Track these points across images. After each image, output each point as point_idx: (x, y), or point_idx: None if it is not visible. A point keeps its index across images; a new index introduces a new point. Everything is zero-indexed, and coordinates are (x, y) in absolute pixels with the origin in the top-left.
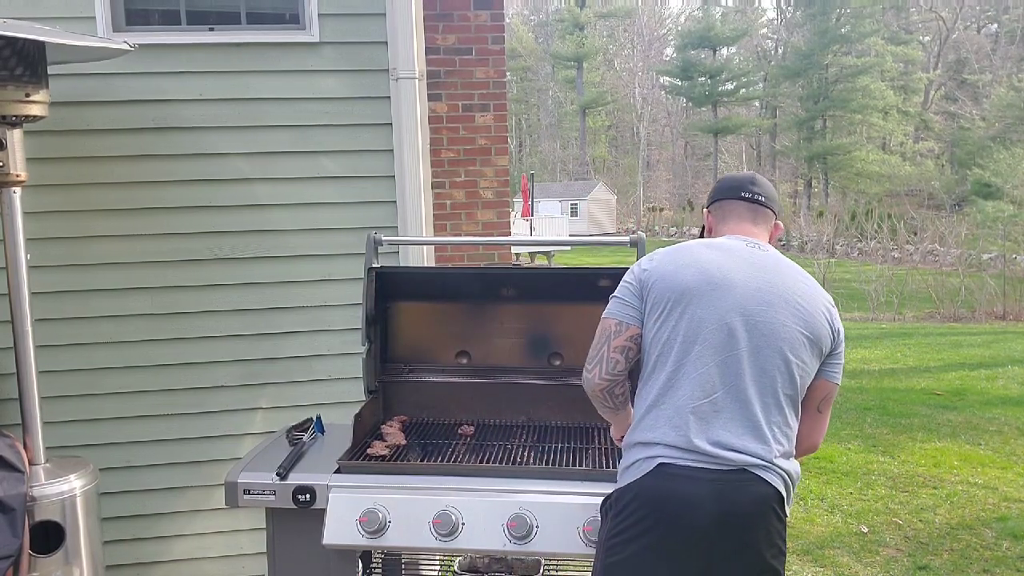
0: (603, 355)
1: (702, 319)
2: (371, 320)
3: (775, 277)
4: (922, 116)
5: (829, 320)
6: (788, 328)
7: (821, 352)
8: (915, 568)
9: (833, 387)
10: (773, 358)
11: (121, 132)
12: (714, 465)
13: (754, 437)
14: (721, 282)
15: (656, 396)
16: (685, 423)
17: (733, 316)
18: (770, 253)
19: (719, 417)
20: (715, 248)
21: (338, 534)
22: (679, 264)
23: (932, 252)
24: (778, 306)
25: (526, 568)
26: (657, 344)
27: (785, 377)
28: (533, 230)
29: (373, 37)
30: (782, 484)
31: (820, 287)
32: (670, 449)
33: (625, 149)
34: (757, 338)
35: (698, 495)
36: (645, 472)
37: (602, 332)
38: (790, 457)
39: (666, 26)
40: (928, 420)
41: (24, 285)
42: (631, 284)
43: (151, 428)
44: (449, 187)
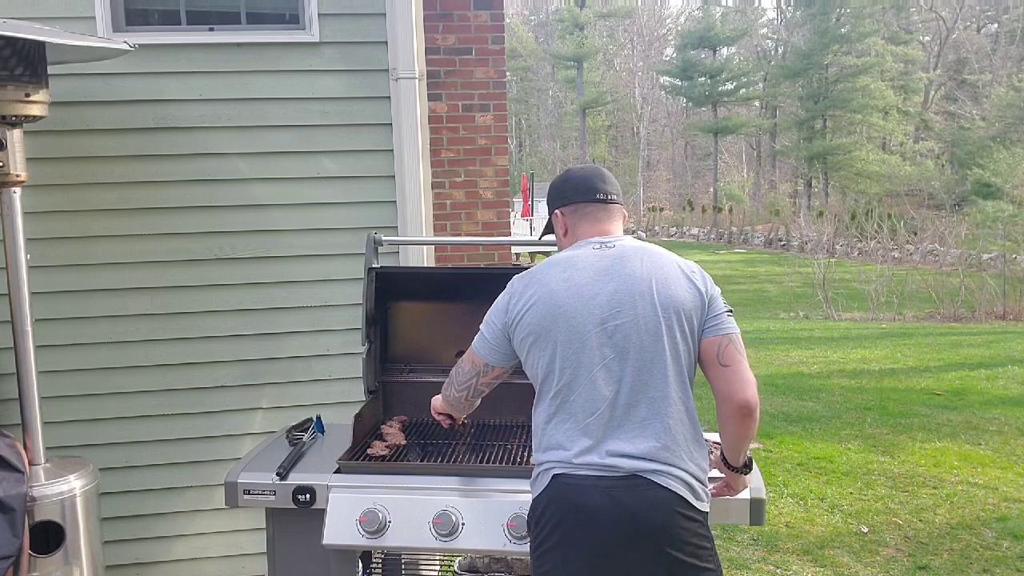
0: (471, 385)
1: (566, 344)
2: (371, 320)
3: (625, 271)
4: (922, 116)
5: (693, 288)
6: (649, 318)
7: (695, 321)
8: (915, 568)
9: (721, 338)
10: (646, 355)
11: (121, 132)
12: (605, 472)
13: (644, 439)
14: (573, 303)
15: (547, 418)
16: (575, 441)
17: (595, 330)
18: (618, 248)
19: (607, 427)
20: (564, 266)
21: (338, 534)
22: (534, 298)
23: (932, 252)
24: (635, 302)
25: (526, 568)
26: (538, 374)
27: (665, 368)
28: (533, 230)
29: (373, 37)
30: (681, 484)
31: (675, 258)
32: (563, 464)
33: (625, 149)
34: (622, 340)
35: (593, 504)
36: (544, 485)
37: (472, 366)
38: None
39: (666, 26)
40: (928, 420)
41: (24, 285)
42: (496, 325)
43: (151, 428)
44: (449, 187)
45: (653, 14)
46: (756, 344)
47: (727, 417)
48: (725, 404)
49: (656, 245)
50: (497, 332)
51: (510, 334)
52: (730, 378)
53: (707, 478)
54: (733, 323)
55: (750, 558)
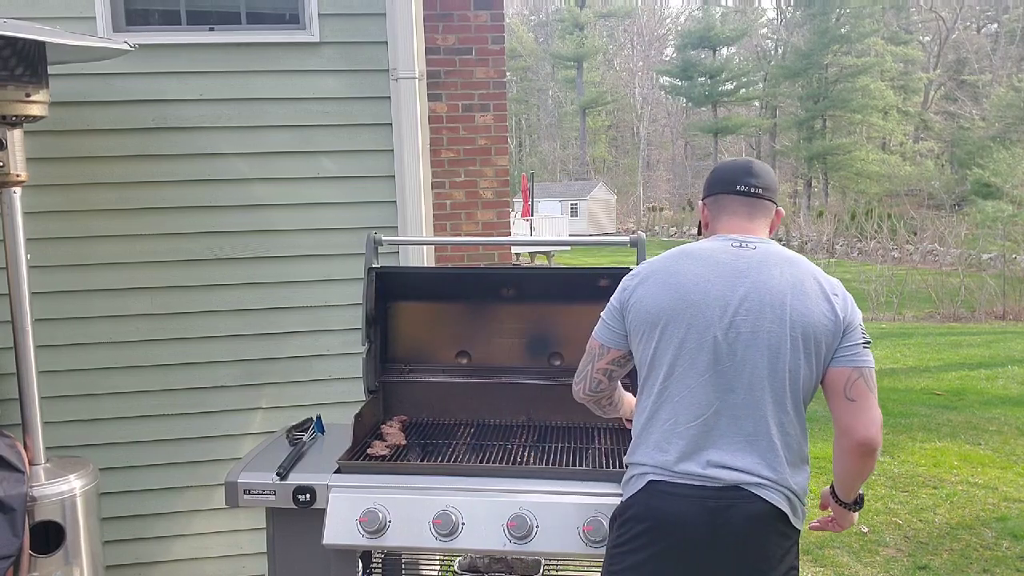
0: (587, 373)
1: (683, 339)
2: (371, 320)
3: (761, 278)
4: (922, 116)
5: (831, 310)
6: (774, 333)
7: (822, 345)
8: (915, 568)
9: (851, 371)
10: (760, 368)
11: (121, 132)
12: (705, 482)
13: (748, 454)
14: (700, 299)
15: (648, 417)
16: (674, 444)
17: (714, 332)
18: (759, 251)
19: (710, 436)
20: (698, 259)
21: (338, 534)
22: (659, 284)
23: (932, 252)
24: (763, 313)
25: (526, 568)
26: (644, 365)
27: (778, 385)
28: (533, 230)
29: (373, 37)
30: (783, 500)
31: (819, 274)
32: (659, 470)
33: (625, 149)
34: (742, 350)
35: (689, 514)
36: (638, 488)
37: (589, 351)
38: (799, 467)
39: (666, 26)
40: (928, 420)
41: (24, 285)
42: (615, 306)
43: (151, 428)
44: (449, 187)
45: (653, 14)
46: None
47: (846, 451)
48: (846, 439)
49: (799, 254)
50: (615, 312)
51: (625, 314)
52: (856, 413)
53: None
54: (869, 356)
55: None
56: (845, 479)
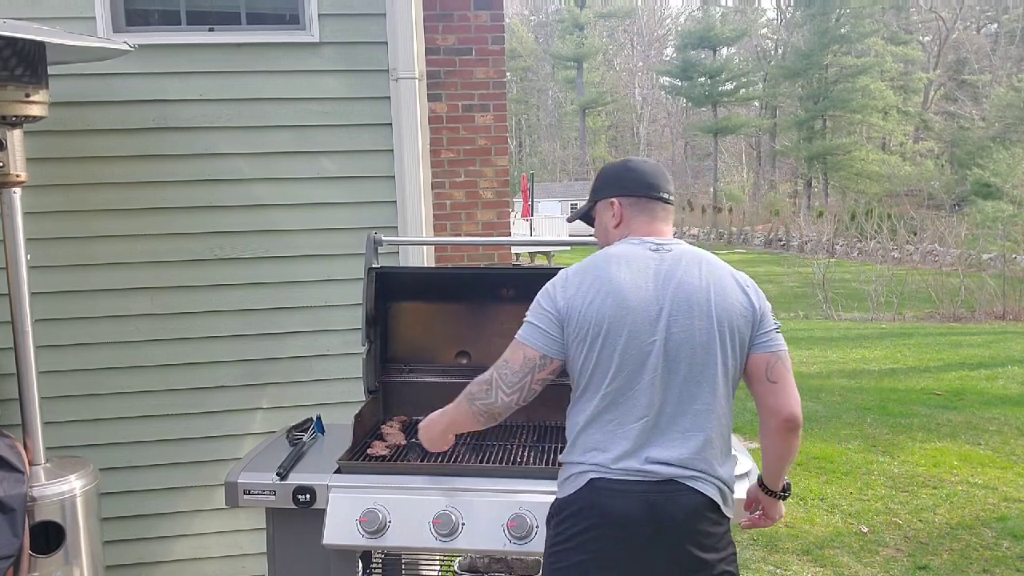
0: (525, 384)
1: (625, 345)
2: (371, 320)
3: (684, 279)
4: (922, 116)
5: (747, 301)
6: (704, 330)
7: (745, 335)
8: (915, 568)
9: (770, 355)
10: (697, 367)
11: (121, 132)
12: (643, 477)
13: (684, 448)
14: (636, 304)
15: (588, 419)
16: (617, 445)
17: (652, 336)
18: (675, 252)
19: (650, 435)
20: (627, 264)
21: (338, 534)
22: (598, 292)
23: (932, 252)
24: (692, 311)
25: (526, 568)
26: (585, 372)
27: (711, 379)
28: (533, 230)
29: (373, 37)
30: (715, 490)
31: (730, 269)
32: (600, 467)
33: (625, 149)
34: (675, 350)
35: (632, 509)
36: (579, 486)
37: (525, 362)
38: (728, 457)
39: (666, 26)
40: (928, 420)
41: (24, 285)
42: (551, 314)
43: (153, 428)
44: (449, 187)
45: (653, 14)
46: None
47: (772, 431)
48: (772, 418)
49: (709, 252)
50: (553, 321)
51: (565, 325)
52: (778, 393)
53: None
54: (782, 340)
55: (750, 558)
56: (773, 461)
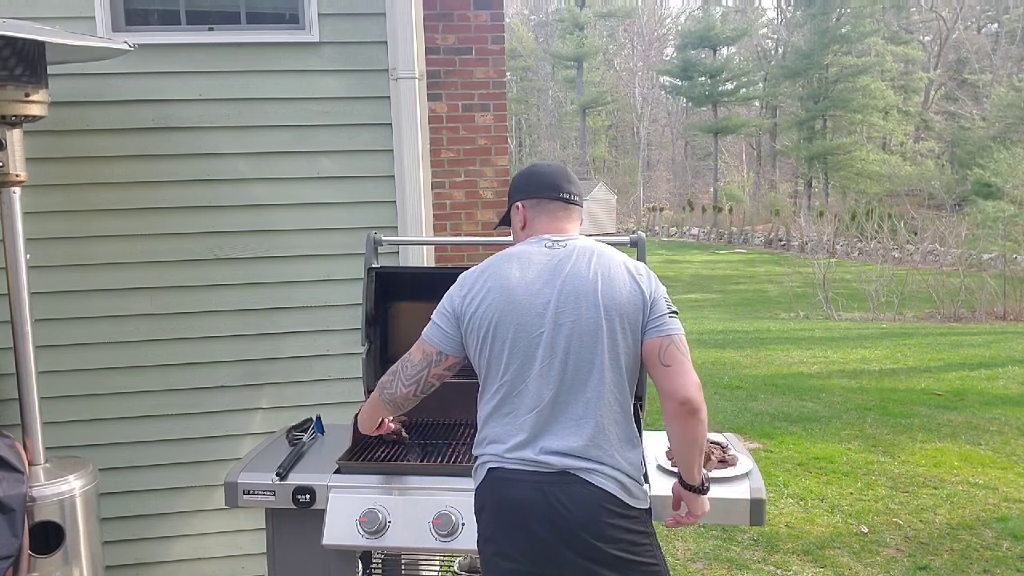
0: (423, 377)
1: (514, 339)
2: (371, 320)
3: (573, 271)
4: (922, 116)
5: (637, 288)
6: (591, 320)
7: (637, 322)
8: (915, 568)
9: (663, 339)
10: (584, 356)
11: (121, 132)
12: (537, 468)
13: (576, 438)
14: (523, 299)
15: (490, 412)
16: (513, 437)
17: (540, 328)
18: (569, 247)
19: (545, 425)
20: (519, 261)
21: (338, 534)
22: (488, 290)
23: (932, 252)
24: (578, 302)
25: None
26: (482, 367)
27: (603, 369)
28: None
29: (373, 37)
30: (612, 483)
31: (624, 259)
32: (497, 457)
33: (625, 149)
34: (565, 341)
35: (527, 498)
36: (481, 478)
37: (424, 357)
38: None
39: (666, 26)
40: (928, 420)
41: (24, 285)
42: (448, 313)
43: (152, 428)
44: (449, 187)
45: (653, 14)
46: (756, 344)
47: (670, 415)
48: (668, 401)
49: (607, 245)
50: (450, 320)
51: (461, 323)
52: (672, 376)
53: (643, 477)
54: (676, 324)
55: (750, 558)
56: (679, 448)
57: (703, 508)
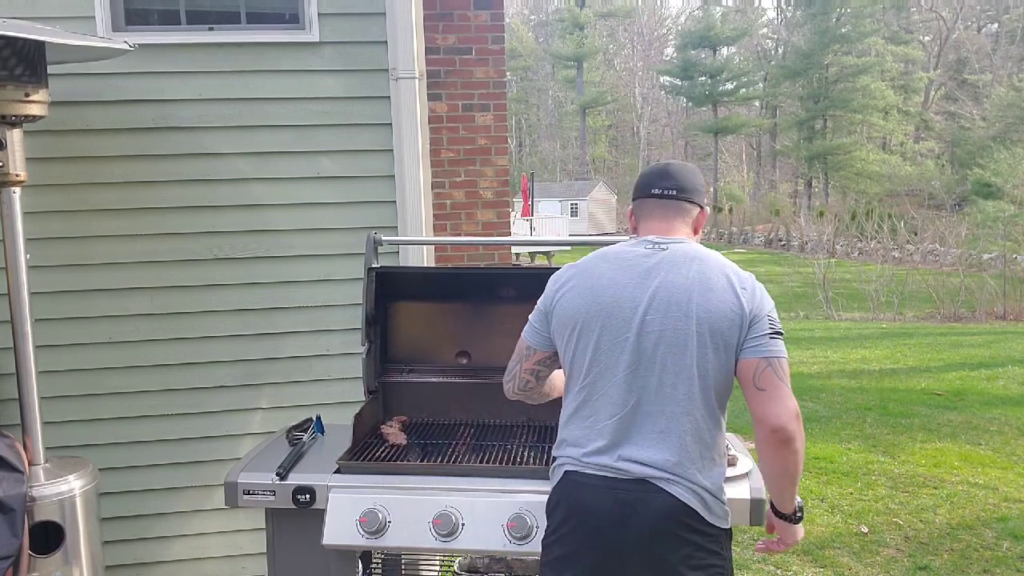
0: (516, 373)
1: (598, 341)
2: (371, 320)
3: (669, 277)
4: (922, 116)
5: (736, 303)
6: (680, 330)
7: (733, 338)
8: (915, 568)
9: (759, 361)
10: (670, 364)
11: (121, 132)
12: (615, 474)
13: (659, 449)
14: (611, 300)
15: (571, 413)
16: (593, 441)
17: (626, 332)
18: (670, 251)
19: (626, 433)
20: (612, 261)
21: (338, 534)
22: (577, 288)
23: (932, 252)
24: (669, 311)
25: (526, 568)
26: (567, 364)
27: (688, 380)
28: (533, 230)
29: (373, 37)
30: (691, 496)
31: (729, 269)
32: (574, 460)
33: (625, 149)
34: (652, 348)
35: (601, 504)
36: (558, 479)
37: (517, 351)
38: (713, 463)
39: (666, 26)
40: (928, 420)
41: (24, 285)
42: (540, 309)
43: (152, 428)
44: (449, 187)
45: (653, 14)
46: None
47: (761, 442)
48: (759, 428)
49: (714, 252)
50: (540, 315)
51: (550, 320)
52: (766, 402)
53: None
54: (778, 346)
55: (750, 558)
56: (770, 476)
57: (795, 537)
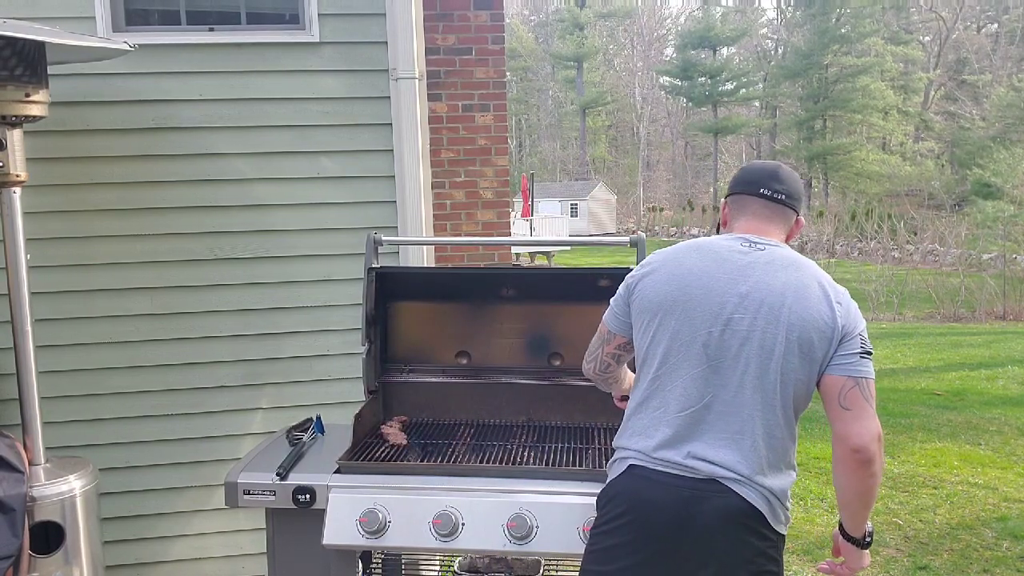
0: (598, 355)
1: (677, 331)
2: (371, 320)
3: (764, 279)
4: (922, 116)
5: (830, 316)
6: (769, 334)
7: (818, 350)
8: (915, 568)
9: (846, 380)
10: (753, 367)
11: (121, 132)
12: (683, 472)
13: (730, 450)
14: (699, 293)
15: (639, 403)
16: (660, 432)
17: (709, 327)
18: (767, 252)
19: (696, 429)
20: (705, 253)
21: (338, 534)
22: (664, 276)
23: (932, 252)
24: (760, 312)
25: (526, 568)
26: (641, 352)
27: (768, 386)
28: (533, 230)
29: (373, 37)
30: (759, 498)
31: (825, 280)
32: (641, 455)
33: (625, 149)
34: (736, 348)
35: (663, 500)
36: (620, 472)
37: (599, 334)
38: (782, 471)
39: (666, 26)
40: (928, 420)
41: (24, 285)
42: (622, 294)
43: (152, 428)
44: (449, 187)
45: (653, 14)
46: None
47: (839, 460)
48: (839, 446)
49: (811, 262)
50: (622, 300)
51: (631, 302)
52: (849, 422)
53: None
54: (868, 367)
55: None
56: (844, 496)
57: (862, 563)
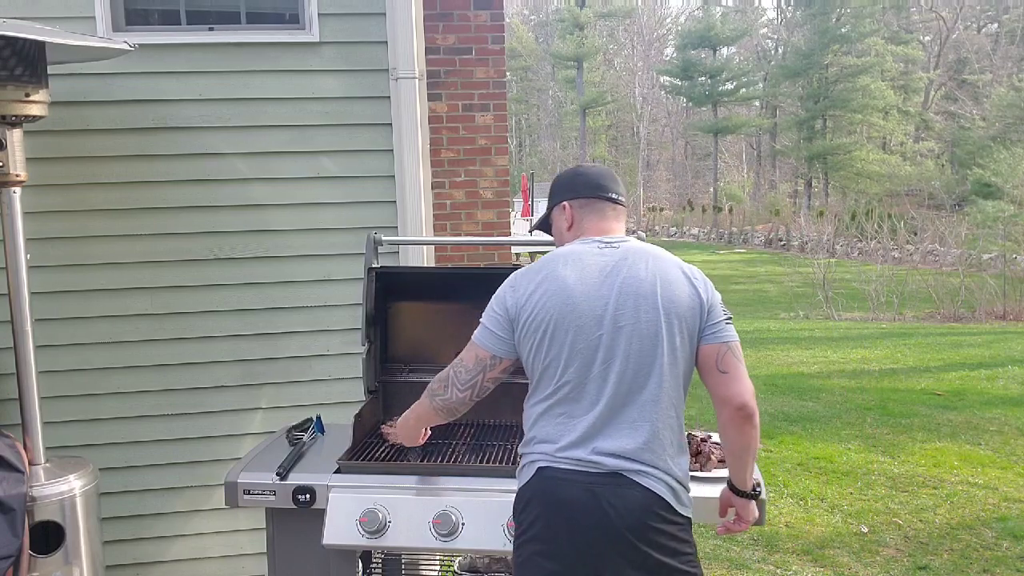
0: (477, 382)
1: (573, 341)
2: (371, 320)
3: (630, 273)
4: (922, 116)
5: (695, 292)
6: (651, 322)
7: (693, 327)
8: (915, 568)
9: (720, 346)
10: (644, 358)
11: (121, 132)
12: (589, 468)
13: (631, 441)
14: (581, 300)
15: (541, 412)
16: (565, 436)
17: (598, 330)
18: (622, 249)
19: (600, 427)
20: (574, 262)
21: (338, 534)
22: (542, 291)
23: (932, 252)
24: (638, 304)
25: None
26: (537, 368)
27: (661, 372)
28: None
29: (373, 37)
30: (663, 486)
31: (678, 261)
32: (547, 456)
33: (625, 149)
34: (625, 343)
35: (577, 498)
36: (530, 476)
37: (477, 361)
38: (680, 452)
39: (666, 26)
40: (928, 420)
41: (24, 285)
42: (500, 316)
43: (151, 428)
44: (449, 187)
45: (653, 14)
46: (756, 344)
47: (726, 421)
48: (724, 407)
49: (658, 247)
50: (503, 323)
51: (515, 326)
52: (729, 383)
53: (690, 484)
54: (732, 331)
55: (750, 558)
56: (734, 453)
57: (754, 514)
